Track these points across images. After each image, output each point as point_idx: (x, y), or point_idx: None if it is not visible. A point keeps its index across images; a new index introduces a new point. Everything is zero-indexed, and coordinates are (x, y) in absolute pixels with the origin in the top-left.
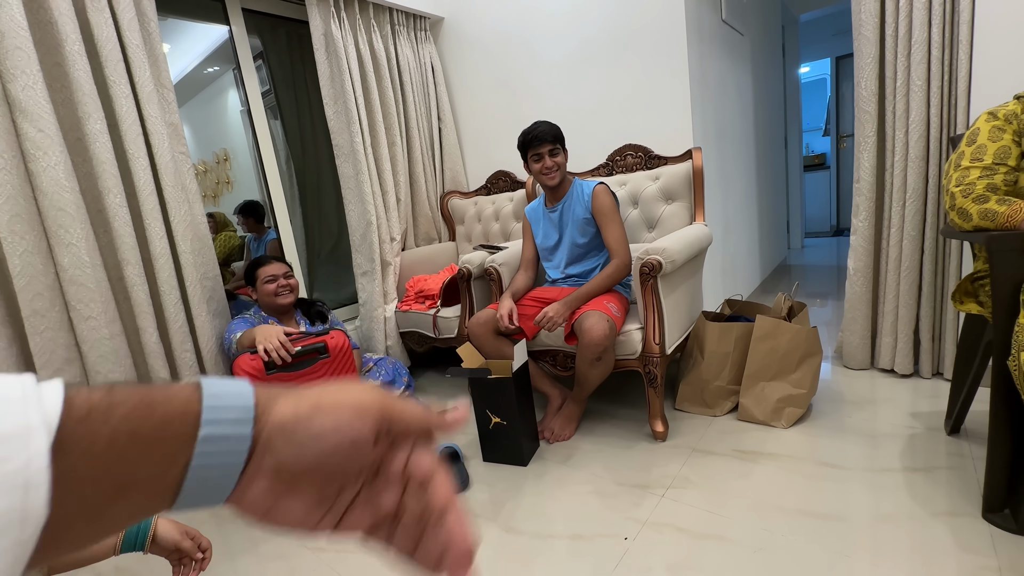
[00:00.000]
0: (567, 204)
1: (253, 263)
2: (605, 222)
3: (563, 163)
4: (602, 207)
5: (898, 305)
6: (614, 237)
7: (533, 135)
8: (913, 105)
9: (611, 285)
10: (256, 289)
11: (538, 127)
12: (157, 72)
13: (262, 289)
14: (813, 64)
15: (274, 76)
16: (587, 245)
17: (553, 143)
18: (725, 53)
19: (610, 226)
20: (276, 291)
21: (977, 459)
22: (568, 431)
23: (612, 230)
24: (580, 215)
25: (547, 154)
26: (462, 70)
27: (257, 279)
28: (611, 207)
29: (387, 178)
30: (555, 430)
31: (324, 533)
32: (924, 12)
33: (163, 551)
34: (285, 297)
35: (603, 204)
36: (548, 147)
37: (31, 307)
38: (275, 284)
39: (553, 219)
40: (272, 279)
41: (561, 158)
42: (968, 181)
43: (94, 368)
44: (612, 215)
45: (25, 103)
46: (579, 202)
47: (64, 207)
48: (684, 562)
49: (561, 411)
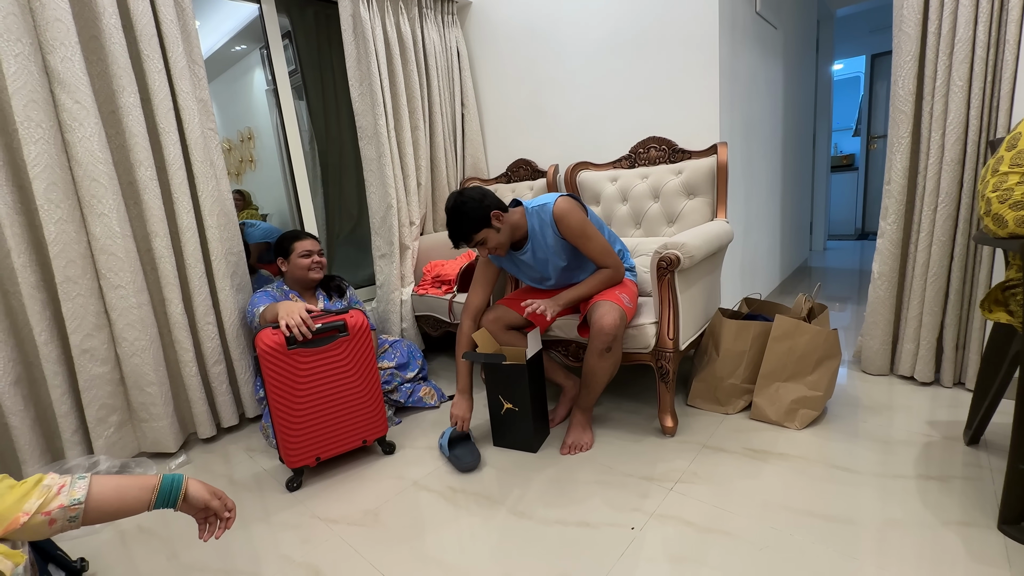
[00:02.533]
0: (533, 241)
1: (289, 235)
2: (581, 243)
3: (494, 240)
4: (569, 229)
5: (922, 311)
6: (596, 252)
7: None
8: (952, 106)
9: (601, 290)
10: (288, 261)
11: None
12: (189, 48)
13: (297, 263)
14: (847, 61)
15: (301, 56)
16: (575, 261)
17: (471, 240)
18: (757, 46)
19: (587, 244)
20: (310, 266)
21: (995, 471)
22: (587, 440)
23: (590, 247)
24: (551, 240)
25: (476, 247)
26: (487, 56)
27: (293, 251)
28: (579, 225)
29: (409, 162)
30: (570, 443)
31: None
32: (970, 9)
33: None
34: (317, 272)
35: (569, 227)
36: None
37: (64, 273)
38: (310, 259)
39: (526, 261)
40: (308, 254)
41: (491, 241)
42: (1006, 187)
43: (121, 335)
44: (583, 231)
45: (63, 74)
46: (544, 229)
47: (98, 178)
48: (689, 555)
49: (571, 423)
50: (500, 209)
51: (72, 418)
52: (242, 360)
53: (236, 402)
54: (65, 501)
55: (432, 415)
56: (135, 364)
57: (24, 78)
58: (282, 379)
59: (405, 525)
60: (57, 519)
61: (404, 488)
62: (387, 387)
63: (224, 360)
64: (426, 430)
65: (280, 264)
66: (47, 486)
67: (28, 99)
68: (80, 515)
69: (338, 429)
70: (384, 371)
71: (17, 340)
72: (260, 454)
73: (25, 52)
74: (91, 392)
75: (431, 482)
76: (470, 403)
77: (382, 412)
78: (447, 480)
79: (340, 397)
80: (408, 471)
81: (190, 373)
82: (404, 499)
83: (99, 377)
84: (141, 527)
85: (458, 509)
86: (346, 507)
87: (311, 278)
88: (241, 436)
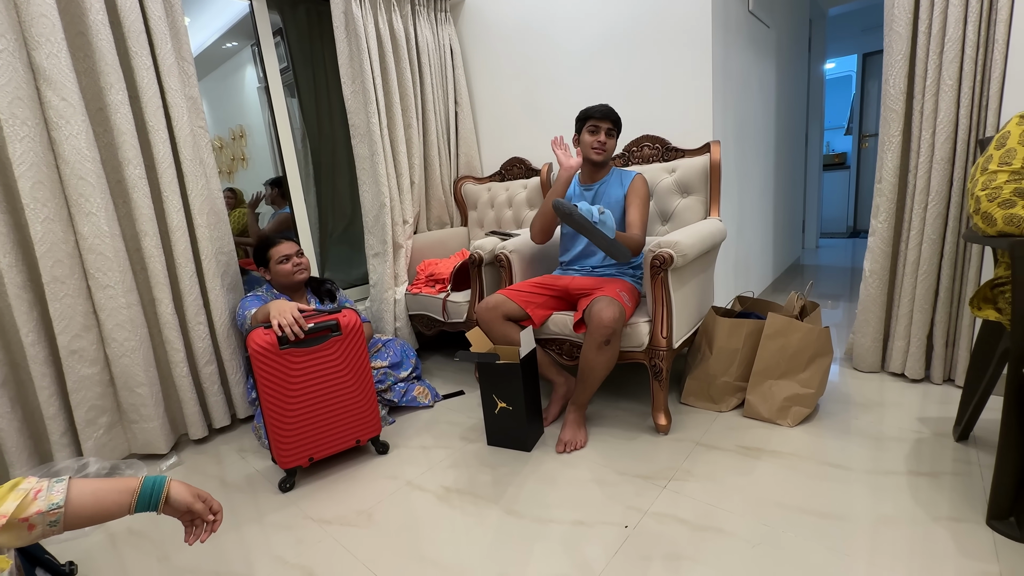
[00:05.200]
0: (603, 186)
1: (263, 244)
2: (635, 201)
3: (611, 148)
4: (637, 189)
5: (913, 309)
6: (637, 218)
7: (599, 110)
8: (942, 105)
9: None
10: (269, 270)
11: (605, 107)
12: (178, 44)
13: (277, 270)
14: (839, 60)
15: (292, 53)
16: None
17: (613, 125)
18: (750, 45)
19: (639, 206)
20: (292, 270)
21: (984, 467)
22: (581, 437)
23: (636, 213)
24: (615, 196)
25: (604, 131)
26: (480, 54)
27: (271, 260)
28: (645, 194)
29: (402, 160)
30: (565, 440)
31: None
32: (960, 9)
33: (176, 512)
34: (302, 273)
35: (639, 187)
36: (607, 125)
37: (51, 273)
38: (290, 263)
39: (586, 197)
40: (286, 259)
41: (613, 142)
42: (995, 185)
43: (111, 336)
44: (644, 199)
45: (49, 71)
46: (617, 184)
47: (85, 176)
48: (683, 552)
49: (566, 421)
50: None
51: (60, 420)
52: (233, 360)
53: (228, 402)
54: (43, 506)
55: (426, 415)
56: (125, 365)
57: (9, 75)
58: (274, 379)
59: (399, 525)
60: (37, 524)
61: (398, 488)
62: (380, 386)
63: (215, 360)
64: (420, 430)
65: (263, 274)
66: (23, 490)
67: (13, 96)
68: (61, 519)
69: (331, 429)
70: (377, 370)
71: (4, 341)
72: (252, 455)
73: (10, 48)
74: (80, 393)
75: (425, 482)
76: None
77: (376, 412)
78: (441, 480)
79: (333, 397)
80: (402, 471)
81: (181, 373)
82: (398, 499)
83: (88, 378)
84: (131, 529)
85: (452, 509)
86: (340, 507)
87: (296, 280)
88: (233, 437)
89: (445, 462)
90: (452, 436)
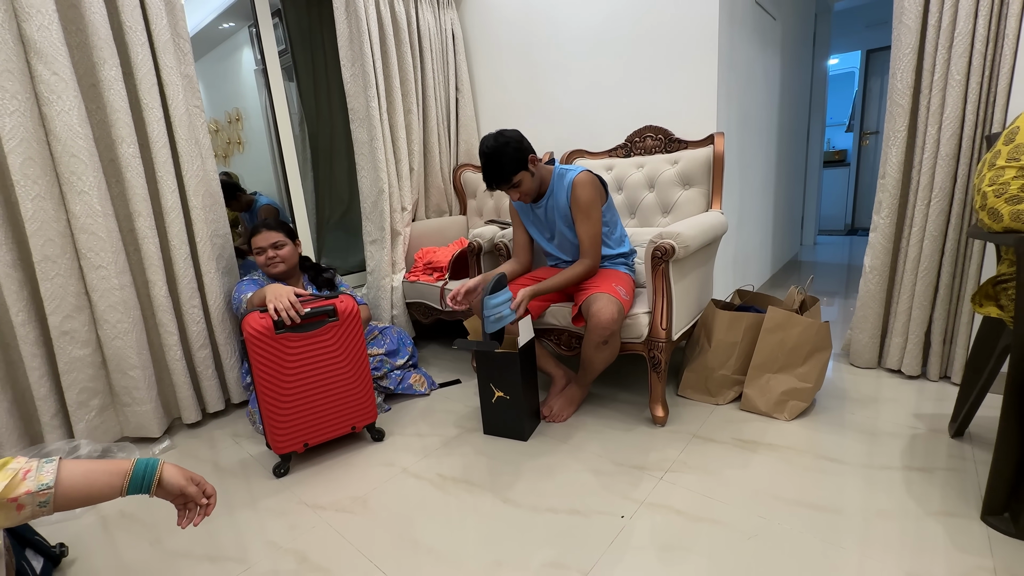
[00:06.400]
0: (550, 200)
1: (250, 231)
2: (579, 218)
3: (527, 185)
4: (578, 200)
5: (912, 306)
6: (585, 234)
7: (488, 178)
8: (949, 101)
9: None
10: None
11: (488, 168)
12: (174, 21)
13: (256, 260)
14: (842, 56)
15: (291, 35)
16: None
17: (510, 182)
18: (756, 37)
19: (582, 222)
20: (265, 262)
21: (979, 463)
22: (567, 412)
23: (582, 227)
24: (563, 203)
25: (508, 190)
26: (482, 40)
27: (254, 249)
28: (588, 201)
29: (401, 146)
30: (554, 409)
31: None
32: (971, 3)
33: (168, 495)
34: (276, 267)
35: (579, 198)
36: (505, 186)
37: (42, 252)
38: (263, 256)
39: (539, 215)
40: (260, 251)
41: (524, 185)
42: (1002, 181)
43: (103, 317)
44: (586, 209)
45: (40, 44)
46: (561, 191)
47: (77, 153)
48: (679, 543)
49: (564, 392)
50: (534, 154)
51: (51, 401)
52: (228, 344)
53: (222, 387)
54: (32, 487)
55: (422, 403)
56: (117, 347)
57: None
58: (270, 364)
59: (394, 512)
60: (26, 505)
61: (393, 475)
62: (377, 374)
63: (210, 344)
64: (416, 418)
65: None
66: (12, 469)
67: (2, 68)
68: (50, 500)
69: (327, 415)
70: (374, 358)
71: None
72: (246, 440)
73: None
74: (71, 375)
75: (420, 469)
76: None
77: (372, 398)
78: (436, 467)
79: (329, 383)
80: (397, 458)
81: (174, 357)
82: (393, 486)
83: (79, 360)
84: (123, 512)
85: (447, 496)
86: (334, 494)
87: (271, 273)
88: (227, 421)
89: (441, 450)
90: (448, 424)
